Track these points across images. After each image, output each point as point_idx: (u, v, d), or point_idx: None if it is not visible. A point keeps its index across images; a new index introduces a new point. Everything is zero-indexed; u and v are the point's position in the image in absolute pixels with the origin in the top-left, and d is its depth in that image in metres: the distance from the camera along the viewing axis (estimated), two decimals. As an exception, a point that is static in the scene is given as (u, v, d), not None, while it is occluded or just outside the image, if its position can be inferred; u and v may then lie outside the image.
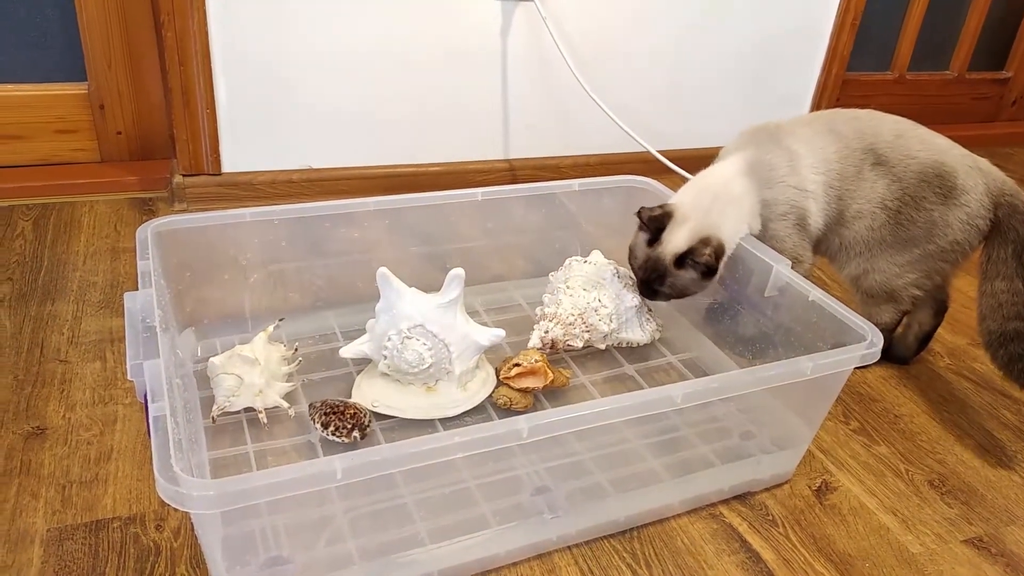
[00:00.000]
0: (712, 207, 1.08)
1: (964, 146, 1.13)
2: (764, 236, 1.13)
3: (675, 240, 1.07)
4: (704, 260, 1.04)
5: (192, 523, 0.83)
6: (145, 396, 0.73)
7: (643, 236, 1.10)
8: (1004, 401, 1.17)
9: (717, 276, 1.08)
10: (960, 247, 1.12)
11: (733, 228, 1.09)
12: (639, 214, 1.09)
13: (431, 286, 1.01)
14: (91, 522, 0.85)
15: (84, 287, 1.24)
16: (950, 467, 1.04)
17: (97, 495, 0.88)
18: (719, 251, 1.06)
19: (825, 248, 1.19)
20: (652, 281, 1.09)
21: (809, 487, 0.99)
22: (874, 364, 1.08)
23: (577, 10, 1.62)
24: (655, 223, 1.08)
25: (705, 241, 1.05)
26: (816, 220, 1.14)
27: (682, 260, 1.06)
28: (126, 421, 0.98)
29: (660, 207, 1.09)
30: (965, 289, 1.46)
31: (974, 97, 2.28)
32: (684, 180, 1.23)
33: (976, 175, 1.11)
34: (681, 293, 1.09)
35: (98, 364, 1.08)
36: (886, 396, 1.16)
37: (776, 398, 0.94)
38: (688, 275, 1.07)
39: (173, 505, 0.63)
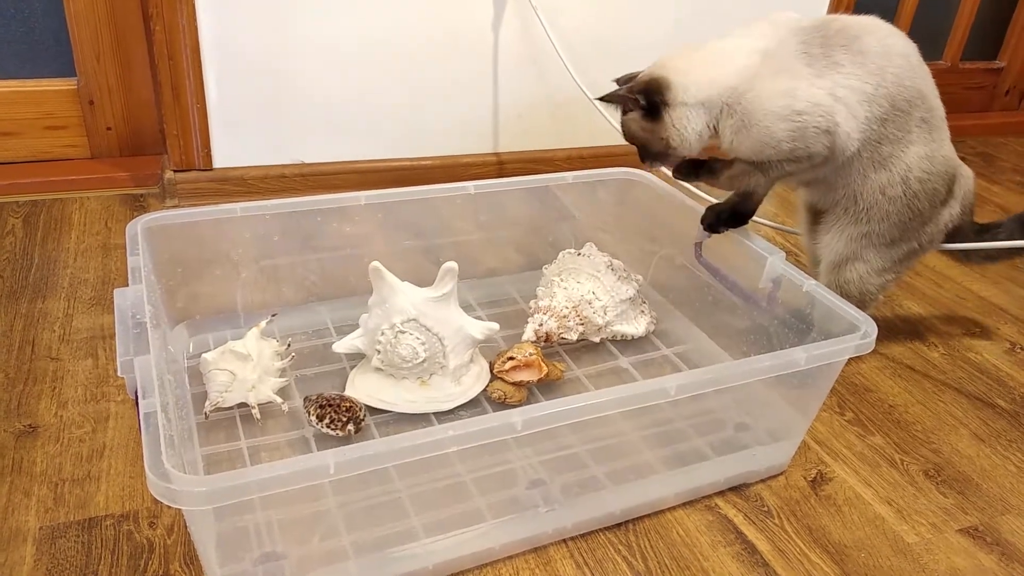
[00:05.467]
0: (679, 58, 0.97)
1: (958, 136, 1.12)
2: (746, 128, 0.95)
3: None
4: (622, 94, 0.94)
5: (185, 520, 0.82)
6: (136, 393, 0.73)
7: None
8: (998, 390, 1.17)
9: (666, 115, 0.95)
10: (930, 247, 1.12)
11: (702, 74, 0.94)
12: (609, 98, 0.99)
13: (424, 280, 1.01)
14: (84, 520, 0.84)
15: (75, 284, 1.24)
16: (945, 457, 1.04)
17: (90, 493, 0.87)
18: (651, 85, 0.94)
19: (832, 195, 1.05)
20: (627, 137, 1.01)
21: (804, 478, 0.99)
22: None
23: (569, 2, 1.61)
24: (628, 96, 0.98)
25: (629, 77, 0.95)
26: (848, 125, 0.95)
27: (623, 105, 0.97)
28: (118, 418, 0.98)
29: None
30: (959, 279, 1.46)
31: (967, 87, 2.28)
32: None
33: (962, 183, 1.10)
34: (638, 140, 0.99)
35: (90, 361, 1.07)
36: (880, 386, 1.16)
37: (771, 389, 0.94)
38: (630, 118, 0.98)
39: (164, 502, 0.62)
